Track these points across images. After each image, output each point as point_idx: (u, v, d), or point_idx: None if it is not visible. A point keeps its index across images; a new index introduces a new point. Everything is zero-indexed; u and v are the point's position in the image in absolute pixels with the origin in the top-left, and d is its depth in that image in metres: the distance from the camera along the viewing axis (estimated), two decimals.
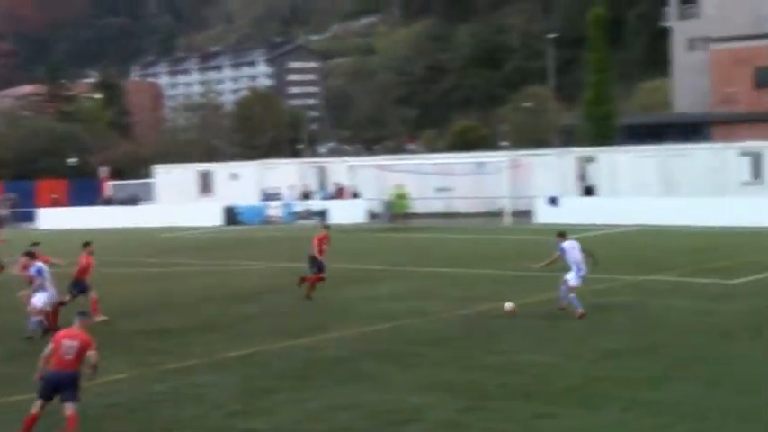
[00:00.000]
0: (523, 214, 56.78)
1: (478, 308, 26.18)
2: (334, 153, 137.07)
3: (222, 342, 22.65)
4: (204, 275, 36.50)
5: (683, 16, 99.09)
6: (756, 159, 55.10)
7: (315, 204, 62.48)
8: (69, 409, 14.68)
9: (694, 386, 17.42)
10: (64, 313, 24.04)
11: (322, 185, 66.03)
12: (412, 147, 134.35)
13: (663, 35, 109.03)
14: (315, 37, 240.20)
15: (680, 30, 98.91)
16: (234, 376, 19.21)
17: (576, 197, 57.02)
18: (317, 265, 28.96)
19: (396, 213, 56.59)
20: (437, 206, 60.10)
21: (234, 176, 69.12)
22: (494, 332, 22.86)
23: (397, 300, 28.23)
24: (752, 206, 49.26)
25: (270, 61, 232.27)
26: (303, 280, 29.06)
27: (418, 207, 59.66)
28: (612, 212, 52.31)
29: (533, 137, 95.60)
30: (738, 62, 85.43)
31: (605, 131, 73.62)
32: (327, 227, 31.07)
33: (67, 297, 25.76)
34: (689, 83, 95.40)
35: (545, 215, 54.58)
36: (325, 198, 63.37)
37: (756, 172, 54.87)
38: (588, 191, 57.91)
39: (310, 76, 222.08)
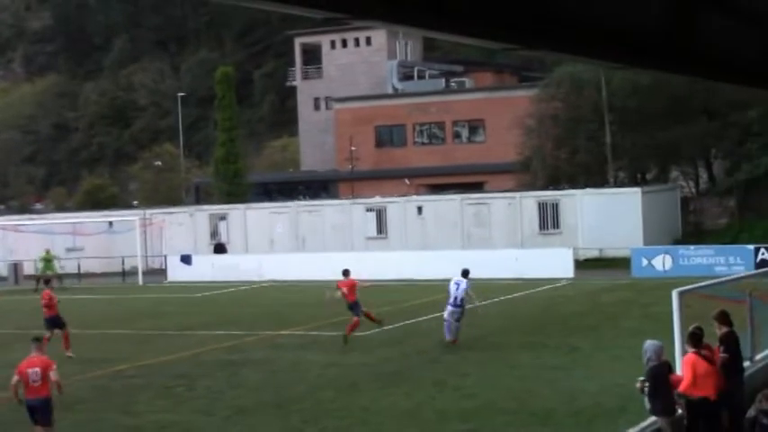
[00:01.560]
0: (156, 273, 56.55)
1: (114, 368, 25.98)
2: None
3: None
4: None
5: (308, 76, 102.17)
6: (380, 215, 57.63)
7: None
8: None
9: None
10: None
11: None
12: (39, 206, 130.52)
13: (289, 94, 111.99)
14: None
15: (305, 89, 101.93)
16: None
17: (209, 255, 57.42)
18: (355, 309, 30.05)
19: (43, 276, 54.58)
20: (68, 266, 58.76)
21: None
22: (130, 393, 22.80)
23: None
24: (377, 260, 51.30)
25: None
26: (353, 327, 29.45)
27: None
28: (245, 269, 53.06)
29: (164, 195, 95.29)
30: (360, 121, 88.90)
31: (236, 189, 74.43)
32: (347, 272, 32.43)
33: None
34: (316, 141, 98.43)
35: (178, 273, 54.58)
36: None
37: (380, 227, 57.35)
38: (220, 248, 58.42)
39: None
